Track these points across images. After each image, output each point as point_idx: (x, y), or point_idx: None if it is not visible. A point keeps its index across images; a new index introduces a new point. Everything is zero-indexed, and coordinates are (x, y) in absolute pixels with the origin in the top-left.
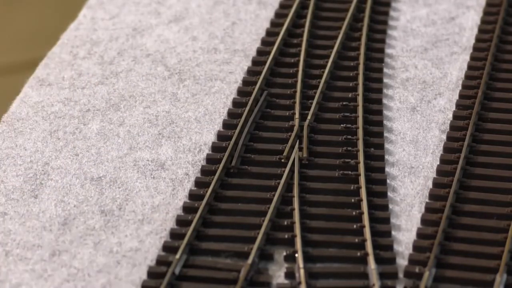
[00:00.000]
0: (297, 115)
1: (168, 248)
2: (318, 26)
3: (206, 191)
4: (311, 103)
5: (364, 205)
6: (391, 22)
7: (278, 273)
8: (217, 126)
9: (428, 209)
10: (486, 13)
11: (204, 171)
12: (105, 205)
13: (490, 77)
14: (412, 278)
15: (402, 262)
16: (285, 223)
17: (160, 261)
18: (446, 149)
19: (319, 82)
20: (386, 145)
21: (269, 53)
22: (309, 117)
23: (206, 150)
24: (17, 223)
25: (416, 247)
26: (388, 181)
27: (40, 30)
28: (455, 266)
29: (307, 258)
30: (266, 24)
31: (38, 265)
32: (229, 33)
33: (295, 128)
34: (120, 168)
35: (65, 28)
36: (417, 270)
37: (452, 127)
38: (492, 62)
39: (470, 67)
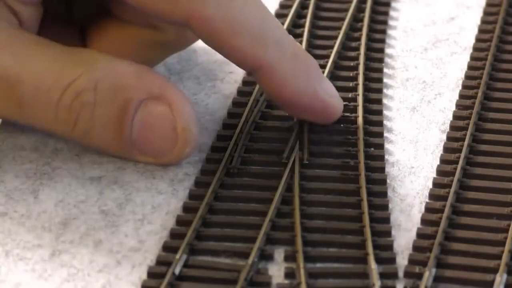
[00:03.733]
0: None
1: (168, 248)
2: (318, 26)
3: (206, 191)
4: None
5: (364, 205)
6: (391, 22)
7: (278, 273)
8: (217, 126)
9: (428, 209)
10: (486, 13)
11: (204, 171)
12: (105, 205)
13: (490, 77)
14: (412, 278)
15: (402, 262)
16: (285, 223)
17: (160, 261)
18: (446, 149)
19: None
20: (386, 145)
21: None
22: None
23: (206, 150)
24: (17, 223)
25: (416, 247)
26: (388, 181)
27: None
28: (455, 266)
29: (307, 258)
30: None
31: (38, 265)
32: None
33: (295, 128)
34: (120, 168)
35: None
36: (417, 270)
37: (452, 127)
38: (492, 62)
39: (470, 67)
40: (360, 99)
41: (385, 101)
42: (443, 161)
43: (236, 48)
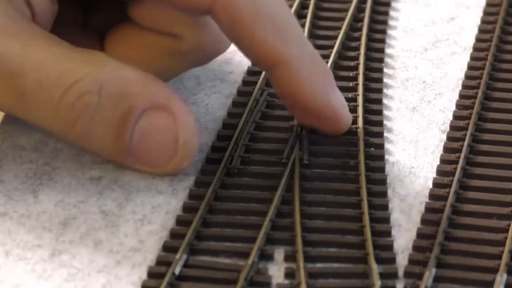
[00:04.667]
0: None
1: (168, 248)
2: (318, 26)
3: (206, 191)
4: None
5: (364, 205)
6: (391, 22)
7: (278, 273)
8: (217, 126)
9: (428, 209)
10: (486, 13)
11: (204, 171)
12: (105, 205)
13: (490, 77)
14: (412, 278)
15: (402, 262)
16: (285, 223)
17: (160, 261)
18: (446, 149)
19: None
20: (386, 145)
21: None
22: None
23: (206, 150)
24: (17, 223)
25: (416, 247)
26: (388, 181)
27: None
28: (455, 266)
29: (307, 258)
30: None
31: (38, 265)
32: None
33: (295, 128)
34: (120, 168)
35: None
36: (417, 270)
37: (452, 127)
38: (492, 62)
39: (470, 67)
40: (360, 99)
41: (385, 101)
42: (443, 161)
43: (257, 39)
